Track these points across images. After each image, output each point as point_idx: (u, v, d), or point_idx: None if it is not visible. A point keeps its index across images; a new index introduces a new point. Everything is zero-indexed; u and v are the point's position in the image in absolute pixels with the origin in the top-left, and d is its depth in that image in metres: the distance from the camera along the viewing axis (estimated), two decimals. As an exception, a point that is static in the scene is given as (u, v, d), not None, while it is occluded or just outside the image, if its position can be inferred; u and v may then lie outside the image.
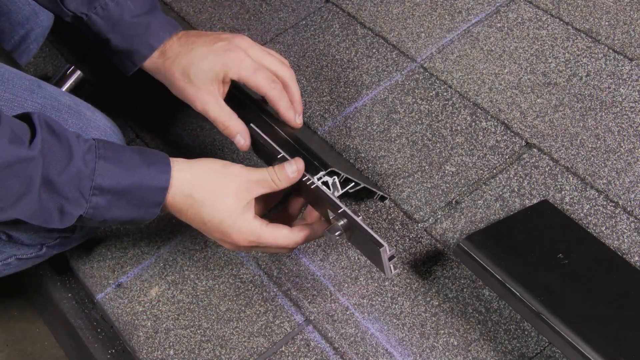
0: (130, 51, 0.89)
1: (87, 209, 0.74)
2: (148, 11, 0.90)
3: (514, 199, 0.91)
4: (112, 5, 0.89)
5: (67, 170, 0.71)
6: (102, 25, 0.89)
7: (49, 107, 0.90)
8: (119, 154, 0.76)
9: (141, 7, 0.90)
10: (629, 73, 0.99)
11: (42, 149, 0.69)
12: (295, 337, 0.86)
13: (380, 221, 0.93)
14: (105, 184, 0.74)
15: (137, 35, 0.89)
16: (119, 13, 0.89)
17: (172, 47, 0.89)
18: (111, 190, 0.74)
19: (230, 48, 0.87)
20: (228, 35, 0.89)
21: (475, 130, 0.98)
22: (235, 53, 0.86)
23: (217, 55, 0.86)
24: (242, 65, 0.86)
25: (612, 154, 0.92)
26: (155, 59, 0.90)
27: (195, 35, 0.90)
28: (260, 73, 0.87)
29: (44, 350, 1.11)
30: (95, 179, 0.73)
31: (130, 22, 0.89)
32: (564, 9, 1.07)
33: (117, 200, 0.75)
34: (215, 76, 0.87)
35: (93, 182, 0.73)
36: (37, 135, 0.70)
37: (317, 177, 0.83)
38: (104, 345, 0.92)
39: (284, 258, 0.93)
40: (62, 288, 1.00)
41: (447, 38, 1.08)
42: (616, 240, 0.85)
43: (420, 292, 0.86)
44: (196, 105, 0.88)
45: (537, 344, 0.80)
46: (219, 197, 0.78)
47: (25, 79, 0.91)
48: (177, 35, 0.90)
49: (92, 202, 0.74)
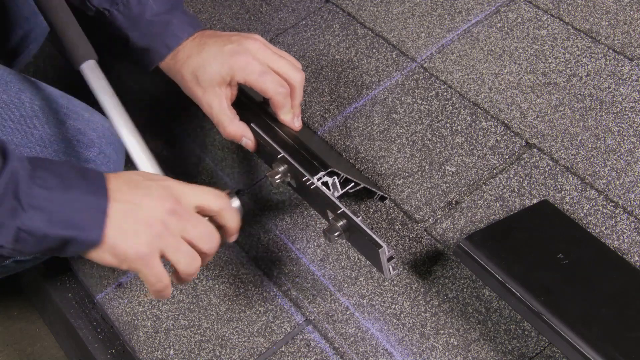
0: (148, 49, 0.90)
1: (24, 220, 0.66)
2: (169, 10, 0.90)
3: (514, 199, 0.91)
4: (134, 3, 0.89)
5: (1, 174, 0.65)
6: (123, 22, 0.89)
7: (47, 109, 0.90)
8: (53, 164, 0.70)
9: (163, 5, 0.90)
10: (629, 73, 0.99)
11: None
12: (295, 337, 0.86)
13: (380, 221, 0.93)
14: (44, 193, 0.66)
15: (156, 34, 0.89)
16: (140, 11, 0.89)
17: (185, 48, 0.89)
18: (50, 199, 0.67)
19: (239, 51, 0.87)
20: (239, 37, 0.89)
21: (475, 130, 0.98)
22: (243, 56, 0.87)
23: (224, 58, 0.87)
24: (248, 69, 0.87)
25: (612, 154, 0.92)
26: (168, 59, 0.90)
27: (209, 36, 0.90)
28: (266, 77, 0.87)
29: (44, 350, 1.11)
30: (33, 186, 0.66)
31: (150, 21, 0.89)
32: (564, 9, 1.07)
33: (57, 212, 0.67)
34: (222, 79, 0.87)
35: (32, 190, 0.66)
36: None
37: (317, 178, 0.83)
38: (104, 345, 0.92)
39: (284, 258, 0.93)
40: (62, 288, 1.00)
41: (447, 38, 1.08)
42: (616, 240, 0.85)
43: (420, 292, 0.86)
44: (202, 106, 0.89)
45: (537, 344, 0.80)
46: None
47: (24, 80, 0.91)
48: (192, 37, 0.90)
49: (29, 212, 0.65)
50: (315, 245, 0.93)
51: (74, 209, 0.68)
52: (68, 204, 0.68)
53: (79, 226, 0.68)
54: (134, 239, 0.70)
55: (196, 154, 1.06)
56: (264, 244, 0.95)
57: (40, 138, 0.88)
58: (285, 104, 0.89)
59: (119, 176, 0.73)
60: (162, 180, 0.75)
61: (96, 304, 0.95)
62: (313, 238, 0.93)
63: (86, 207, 0.68)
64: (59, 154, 0.89)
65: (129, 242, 0.69)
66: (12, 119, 0.87)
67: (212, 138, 1.07)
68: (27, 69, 1.20)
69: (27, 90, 0.90)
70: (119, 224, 0.69)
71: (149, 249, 0.70)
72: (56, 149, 0.89)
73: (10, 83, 0.89)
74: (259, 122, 0.91)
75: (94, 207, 0.69)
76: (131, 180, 0.73)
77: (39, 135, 0.88)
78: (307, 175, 0.83)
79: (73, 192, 0.68)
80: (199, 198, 0.75)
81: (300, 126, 0.91)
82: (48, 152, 0.89)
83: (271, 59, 0.88)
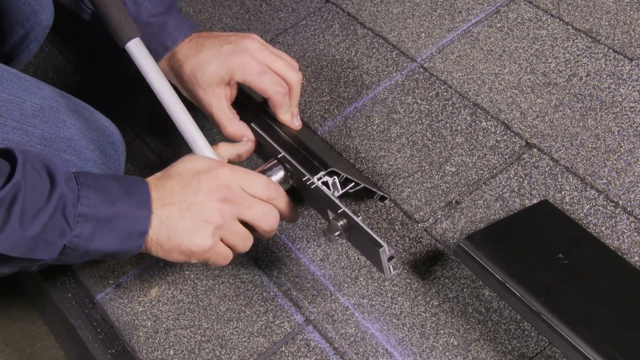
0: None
1: (71, 238, 0.72)
2: (165, 11, 0.90)
3: (514, 199, 0.91)
4: (130, 4, 0.89)
5: (52, 195, 0.69)
6: None
7: (47, 108, 0.90)
8: (99, 182, 0.74)
9: (158, 7, 0.90)
10: (629, 73, 0.99)
11: (24, 177, 0.68)
12: (295, 337, 0.86)
13: (380, 221, 0.93)
14: (90, 211, 0.72)
15: (152, 35, 0.89)
16: (136, 12, 0.89)
17: (182, 50, 0.89)
18: (95, 218, 0.72)
19: (237, 51, 0.87)
20: (237, 37, 0.89)
21: (475, 130, 0.98)
22: (241, 56, 0.87)
23: (223, 58, 0.87)
24: (247, 69, 0.87)
25: (612, 154, 0.92)
26: (165, 61, 0.90)
27: (206, 36, 0.90)
28: (265, 77, 0.87)
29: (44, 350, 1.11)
30: (80, 207, 0.71)
31: (147, 22, 0.89)
32: (564, 9, 1.07)
33: (101, 229, 0.73)
34: (221, 79, 0.87)
35: (78, 210, 0.71)
36: (18, 167, 0.68)
37: (317, 177, 0.83)
38: (104, 345, 0.92)
39: (284, 258, 0.93)
40: (62, 288, 1.00)
41: (447, 38, 1.08)
42: (616, 240, 0.85)
43: (420, 292, 0.86)
44: (202, 106, 0.90)
45: (537, 344, 0.80)
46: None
47: (24, 79, 0.91)
48: (188, 38, 0.90)
49: (76, 230, 0.71)
50: (315, 245, 0.93)
51: (117, 225, 0.73)
52: (112, 220, 0.73)
53: (121, 241, 0.74)
54: (196, 235, 0.76)
55: (196, 154, 1.06)
56: (264, 244, 0.95)
57: (40, 137, 0.88)
58: (284, 103, 0.89)
59: (167, 179, 0.77)
60: (211, 169, 0.78)
61: (96, 304, 0.95)
62: (313, 238, 0.93)
63: (128, 223, 0.74)
64: (60, 153, 0.89)
65: (194, 239, 0.76)
66: (12, 118, 0.87)
67: (212, 138, 1.07)
68: (27, 69, 1.20)
69: (28, 89, 0.90)
70: (175, 225, 0.75)
71: (212, 240, 0.77)
72: (57, 148, 0.89)
73: (11, 82, 0.89)
74: (259, 122, 0.91)
75: (137, 221, 0.74)
76: (180, 180, 0.77)
77: (39, 134, 0.88)
78: (308, 174, 0.83)
79: (117, 207, 0.73)
80: (248, 186, 0.79)
81: (299, 125, 0.91)
82: (49, 152, 0.89)
83: (269, 59, 0.88)
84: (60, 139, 0.90)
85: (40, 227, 0.69)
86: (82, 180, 0.73)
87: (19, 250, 0.70)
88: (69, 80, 1.19)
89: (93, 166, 0.91)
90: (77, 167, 0.90)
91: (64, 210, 0.70)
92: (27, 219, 0.68)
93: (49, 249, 0.71)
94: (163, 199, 0.76)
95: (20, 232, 0.68)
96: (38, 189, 0.69)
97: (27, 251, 0.70)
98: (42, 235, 0.70)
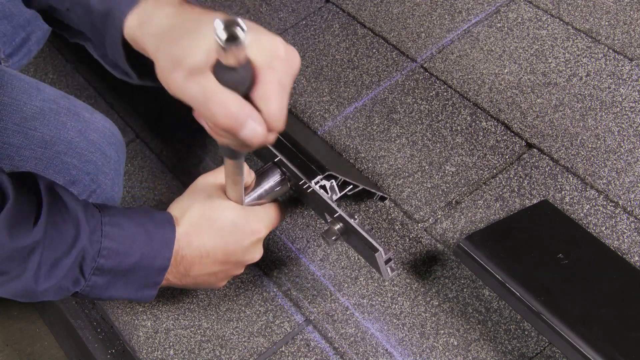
0: (108, 14, 0.70)
1: (84, 287, 0.72)
2: None
3: (514, 199, 0.91)
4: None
5: (72, 251, 0.69)
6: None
7: (47, 110, 0.90)
8: (125, 230, 0.73)
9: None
10: (629, 73, 0.99)
11: (45, 231, 0.67)
12: (295, 337, 0.86)
13: (380, 221, 0.93)
14: (108, 265, 0.72)
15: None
16: None
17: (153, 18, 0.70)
18: (112, 271, 0.72)
19: None
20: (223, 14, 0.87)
21: (475, 130, 0.98)
22: None
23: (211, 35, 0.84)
24: None
25: (612, 154, 0.92)
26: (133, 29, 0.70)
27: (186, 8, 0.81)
28: None
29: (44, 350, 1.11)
30: (99, 260, 0.71)
31: None
32: (564, 9, 1.07)
33: (116, 281, 0.73)
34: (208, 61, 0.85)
35: (96, 263, 0.71)
36: (42, 216, 0.67)
37: (314, 181, 0.82)
38: (104, 345, 0.92)
39: (283, 258, 0.93)
40: (62, 288, 1.00)
41: (447, 38, 1.08)
42: (616, 240, 0.85)
43: (420, 292, 0.86)
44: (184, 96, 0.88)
45: (537, 344, 0.80)
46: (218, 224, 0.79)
47: (24, 81, 0.91)
48: None
49: (91, 281, 0.72)
50: (315, 245, 0.93)
51: (134, 276, 0.75)
52: (129, 273, 0.74)
53: (135, 291, 0.76)
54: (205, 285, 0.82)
55: (196, 154, 1.06)
56: (264, 244, 0.95)
57: (41, 140, 0.88)
58: None
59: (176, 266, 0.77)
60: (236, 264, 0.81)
61: (96, 304, 0.95)
62: (313, 238, 0.93)
63: (145, 274, 0.75)
64: (60, 155, 0.89)
65: (203, 287, 0.84)
66: (12, 121, 0.87)
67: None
68: (27, 69, 1.20)
69: (27, 91, 0.89)
70: (187, 284, 0.80)
71: (221, 284, 0.84)
72: (57, 150, 0.89)
73: (11, 84, 0.89)
74: None
75: (154, 274, 0.76)
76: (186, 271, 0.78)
77: (39, 137, 0.88)
78: (304, 179, 0.83)
79: (137, 258, 0.73)
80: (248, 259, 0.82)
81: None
82: (49, 154, 0.88)
83: None
84: (61, 141, 0.90)
85: (55, 281, 0.69)
86: (107, 230, 0.71)
87: (26, 297, 0.71)
88: (69, 80, 1.19)
89: (93, 167, 0.91)
90: (77, 169, 0.90)
91: (81, 263, 0.70)
92: (42, 273, 0.68)
93: (60, 292, 0.71)
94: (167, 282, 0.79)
95: (32, 281, 0.68)
96: (59, 245, 0.68)
97: (34, 297, 0.71)
98: (56, 284, 0.70)
